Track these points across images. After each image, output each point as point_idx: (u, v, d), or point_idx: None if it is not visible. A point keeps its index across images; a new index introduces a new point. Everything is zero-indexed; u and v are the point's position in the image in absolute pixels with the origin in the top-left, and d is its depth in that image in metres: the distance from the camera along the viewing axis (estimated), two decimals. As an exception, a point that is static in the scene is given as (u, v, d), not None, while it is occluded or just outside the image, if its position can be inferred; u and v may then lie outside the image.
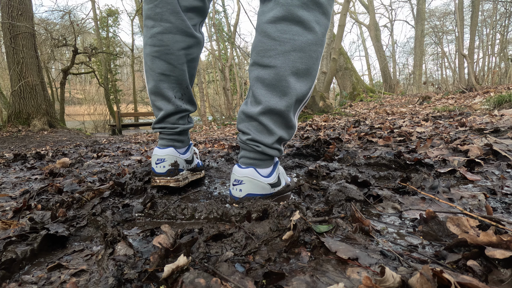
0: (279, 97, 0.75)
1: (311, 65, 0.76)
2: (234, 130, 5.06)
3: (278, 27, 0.73)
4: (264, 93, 0.76)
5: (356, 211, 0.66)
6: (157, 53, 0.90)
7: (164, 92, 0.94)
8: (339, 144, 1.81)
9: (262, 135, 0.79)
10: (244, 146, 0.83)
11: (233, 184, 0.82)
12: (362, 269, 0.48)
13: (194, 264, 0.51)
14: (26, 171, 1.92)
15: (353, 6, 17.55)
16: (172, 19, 0.87)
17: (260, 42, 0.76)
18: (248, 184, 0.79)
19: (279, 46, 0.73)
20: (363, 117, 4.54)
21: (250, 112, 0.78)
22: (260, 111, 0.76)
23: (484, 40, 16.85)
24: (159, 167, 0.94)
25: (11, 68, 7.40)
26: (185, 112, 0.99)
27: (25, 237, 0.65)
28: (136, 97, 20.05)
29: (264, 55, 0.75)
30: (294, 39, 0.73)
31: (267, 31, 0.74)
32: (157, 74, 0.92)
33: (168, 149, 0.96)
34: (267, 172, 0.82)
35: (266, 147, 0.79)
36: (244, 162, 0.83)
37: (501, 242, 0.46)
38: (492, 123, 1.97)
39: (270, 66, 0.75)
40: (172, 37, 0.89)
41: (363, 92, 10.93)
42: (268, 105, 0.75)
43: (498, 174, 0.97)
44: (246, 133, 0.81)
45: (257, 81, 0.77)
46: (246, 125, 0.81)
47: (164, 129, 0.98)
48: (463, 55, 7.32)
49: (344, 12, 8.59)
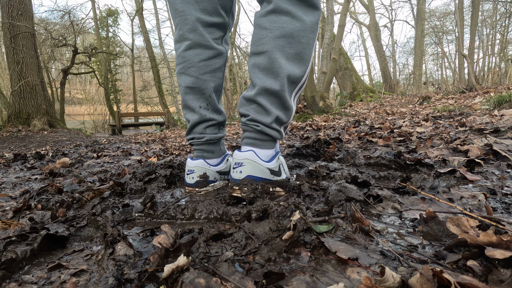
0: (273, 78, 0.82)
1: (301, 50, 0.83)
2: (234, 130, 5.06)
3: (268, 18, 0.82)
4: (259, 76, 0.83)
5: (356, 211, 0.66)
6: (182, 69, 0.99)
7: (189, 103, 1.01)
8: (339, 144, 1.81)
9: (261, 115, 0.85)
10: (245, 128, 0.89)
11: (233, 168, 0.86)
12: (362, 269, 0.48)
13: (194, 264, 0.51)
14: (26, 171, 1.92)
15: (353, 6, 17.55)
16: (191, 36, 0.96)
17: (255, 34, 0.85)
18: (248, 166, 0.83)
19: (270, 33, 0.82)
20: (363, 117, 4.54)
21: (248, 95, 0.86)
22: (256, 92, 0.84)
23: (484, 40, 16.85)
24: (189, 177, 1.00)
25: (11, 68, 7.41)
26: (210, 121, 1.02)
27: (25, 237, 0.65)
28: (136, 97, 20.06)
29: (258, 43, 0.84)
30: (283, 27, 0.81)
31: (260, 23, 0.84)
32: (183, 88, 1.01)
33: (198, 160, 1.00)
34: (267, 157, 0.87)
35: (265, 126, 0.85)
36: (245, 142, 0.88)
37: (501, 242, 0.46)
38: (492, 123, 1.97)
39: (262, 52, 0.83)
40: (193, 52, 0.97)
41: (363, 92, 10.93)
42: (263, 86, 0.82)
43: (498, 174, 0.97)
44: (246, 115, 0.87)
45: (253, 67, 0.85)
46: (245, 108, 0.88)
47: (193, 140, 1.04)
48: (463, 55, 7.32)
49: (344, 12, 8.59)
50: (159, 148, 3.20)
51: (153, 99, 21.46)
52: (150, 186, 1.10)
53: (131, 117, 15.34)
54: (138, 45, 25.04)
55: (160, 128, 11.21)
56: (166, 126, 11.48)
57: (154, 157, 2.10)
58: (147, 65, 18.65)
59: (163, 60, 15.72)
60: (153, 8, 14.65)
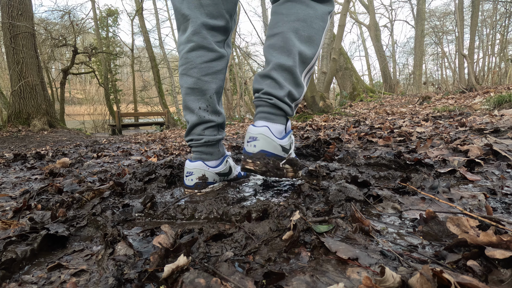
0: (286, 55, 0.88)
1: (313, 34, 0.91)
2: (234, 130, 5.06)
3: (285, 5, 0.91)
4: (274, 54, 0.90)
5: (356, 211, 0.66)
6: (184, 70, 1.01)
7: (189, 104, 1.02)
8: (339, 144, 1.81)
9: (274, 89, 0.89)
10: (258, 103, 0.92)
11: (247, 141, 0.89)
12: (362, 269, 0.48)
13: (194, 264, 0.51)
14: (26, 171, 1.92)
15: (353, 6, 17.55)
16: (194, 39, 0.98)
17: (272, 20, 0.93)
18: (262, 141, 0.86)
19: (286, 17, 0.90)
20: (363, 117, 4.54)
21: (262, 72, 0.92)
22: (271, 68, 0.89)
23: (484, 40, 16.85)
24: (188, 179, 1.00)
25: (11, 68, 7.41)
26: (209, 123, 1.03)
27: (25, 237, 0.65)
28: (136, 97, 20.06)
29: (274, 26, 0.91)
30: (298, 13, 0.89)
31: (276, 11, 0.92)
32: (185, 89, 1.02)
33: (196, 162, 1.01)
34: (280, 134, 0.90)
35: (278, 99, 0.89)
36: (259, 116, 0.91)
37: (501, 242, 0.46)
38: (492, 123, 1.97)
39: (277, 33, 0.90)
40: (195, 53, 0.99)
41: (363, 92, 10.93)
42: (277, 62, 0.88)
43: (498, 174, 0.97)
44: (260, 89, 0.91)
45: (268, 48, 0.92)
46: (259, 83, 0.92)
47: (191, 141, 1.04)
48: (463, 55, 7.32)
49: (344, 12, 8.58)
50: (159, 148, 3.20)
51: (153, 99, 21.46)
52: (150, 186, 1.10)
53: (131, 117, 15.34)
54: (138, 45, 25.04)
55: (160, 128, 11.21)
56: (166, 126, 11.48)
57: (154, 157, 2.10)
58: (147, 65, 18.65)
59: (163, 60, 15.73)
60: (153, 8, 14.65)
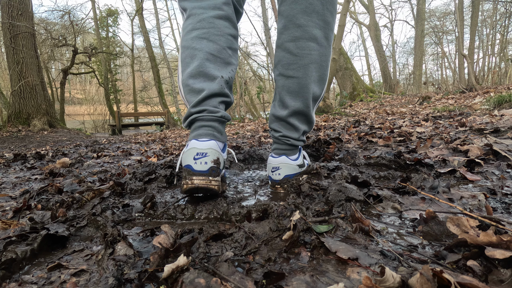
0: (301, 102, 0.94)
1: (323, 72, 0.95)
2: (234, 130, 5.06)
3: (298, 44, 0.90)
4: (289, 99, 0.95)
5: (356, 211, 0.66)
6: (206, 34, 0.88)
7: (209, 71, 0.87)
8: (339, 144, 1.81)
9: (291, 132, 0.98)
10: (276, 141, 1.02)
11: (272, 171, 1.01)
12: (362, 269, 0.48)
13: (194, 264, 0.51)
14: (26, 171, 1.92)
15: (353, 6, 17.54)
16: (225, 8, 0.92)
17: (284, 57, 0.93)
18: (283, 169, 0.99)
19: (300, 60, 0.91)
20: (363, 117, 4.54)
21: (279, 115, 0.98)
22: (288, 114, 0.96)
23: (484, 40, 16.85)
24: (199, 163, 0.77)
25: (11, 68, 7.41)
26: (227, 98, 0.91)
27: (25, 237, 0.65)
28: (136, 97, 20.06)
29: (288, 68, 0.93)
30: (310, 54, 0.91)
31: (289, 48, 0.92)
32: (205, 53, 0.87)
33: (210, 141, 0.81)
34: (295, 157, 1.02)
35: (294, 140, 0.99)
36: (278, 152, 1.02)
37: (501, 242, 0.46)
38: (492, 123, 1.97)
39: (293, 77, 0.93)
40: (223, 22, 0.91)
41: (363, 92, 10.92)
42: (294, 109, 0.95)
43: (498, 174, 0.97)
44: (278, 131, 1.00)
45: (283, 89, 0.96)
46: (277, 125, 1.00)
47: (202, 114, 0.84)
48: (463, 55, 7.32)
49: (344, 12, 8.59)
50: (159, 148, 3.20)
51: (153, 99, 21.46)
52: (150, 186, 1.10)
53: (131, 117, 15.33)
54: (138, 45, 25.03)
55: (160, 128, 11.21)
56: (166, 126, 11.48)
57: (154, 157, 2.10)
58: (147, 65, 18.65)
59: (163, 60, 15.70)
60: (153, 8, 14.65)
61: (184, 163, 0.81)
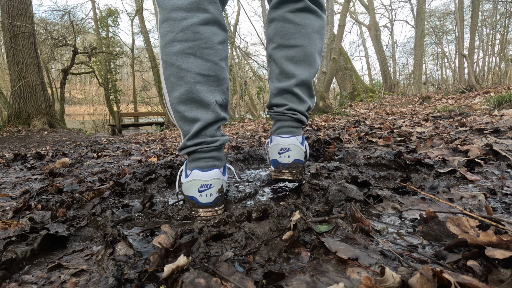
0: (307, 71, 0.91)
1: (322, 45, 0.95)
2: (234, 130, 5.06)
3: (298, 15, 0.90)
4: (294, 68, 0.90)
5: (356, 211, 0.66)
6: (191, 49, 0.75)
7: (202, 97, 0.77)
8: (339, 144, 1.81)
9: (298, 104, 0.92)
10: (281, 117, 0.93)
11: (279, 153, 0.90)
12: (362, 269, 0.48)
13: (194, 264, 0.51)
14: (26, 171, 1.92)
15: (353, 6, 17.55)
16: (211, 9, 0.76)
17: (283, 27, 0.90)
18: (294, 151, 0.89)
19: (302, 29, 0.89)
20: (363, 117, 4.54)
21: (284, 86, 0.91)
22: (294, 83, 0.90)
23: (484, 40, 16.85)
24: (204, 195, 0.75)
25: (11, 68, 7.40)
26: (223, 121, 0.83)
27: (25, 237, 0.65)
28: (136, 97, 20.07)
29: (290, 37, 0.90)
30: (313, 24, 0.90)
31: (289, 18, 0.90)
32: (194, 75, 0.75)
33: (213, 171, 0.77)
34: (301, 141, 0.94)
35: (301, 114, 0.93)
36: (285, 131, 0.93)
37: (501, 242, 0.46)
38: (492, 123, 1.97)
39: (297, 46, 0.90)
40: (210, 29, 0.76)
41: (363, 92, 10.92)
42: (301, 78, 0.90)
43: (498, 174, 0.97)
44: (283, 104, 0.92)
45: (285, 59, 0.91)
46: (281, 98, 0.92)
47: (201, 145, 0.78)
48: (463, 55, 7.32)
49: (344, 12, 8.59)
50: (159, 148, 3.20)
51: (153, 99, 21.47)
52: (150, 186, 1.10)
53: (131, 117, 15.35)
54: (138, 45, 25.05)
55: (160, 128, 11.21)
56: (166, 126, 11.49)
57: (154, 157, 2.10)
58: (147, 65, 18.65)
59: (163, 60, 15.67)
60: (153, 8, 14.64)
61: (188, 194, 0.78)
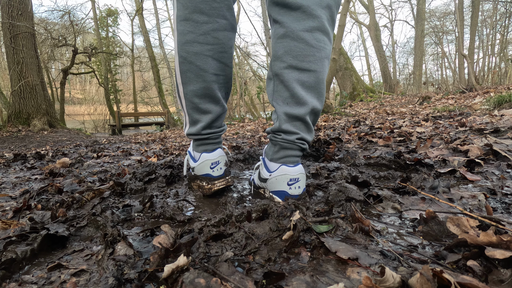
0: (317, 98, 0.84)
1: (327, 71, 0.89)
2: (234, 130, 5.05)
3: (314, 35, 0.81)
4: (306, 95, 0.83)
5: (356, 211, 0.66)
6: (210, 51, 0.85)
7: (215, 94, 0.90)
8: (339, 144, 1.81)
9: (307, 133, 0.86)
10: (289, 146, 0.85)
11: (289, 184, 0.83)
12: (362, 269, 0.48)
13: (194, 264, 0.51)
14: (26, 171, 1.92)
15: (353, 6, 17.54)
16: (228, 16, 0.85)
17: (297, 47, 0.81)
18: (302, 180, 0.85)
19: (317, 52, 0.82)
20: (363, 117, 4.54)
21: (296, 113, 0.83)
22: (307, 111, 0.83)
23: (484, 40, 16.84)
24: (216, 170, 0.94)
25: (11, 68, 7.40)
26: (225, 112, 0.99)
27: (25, 237, 0.65)
28: (136, 97, 20.07)
29: (303, 60, 0.81)
30: (325, 48, 0.83)
31: (304, 38, 0.80)
32: (211, 75, 0.87)
33: (217, 150, 0.95)
34: None
35: (308, 144, 0.88)
36: (292, 160, 0.86)
37: (501, 242, 0.46)
38: (492, 123, 1.97)
39: (310, 70, 0.82)
40: (226, 34, 0.86)
41: (363, 92, 10.92)
42: (313, 106, 0.83)
43: (498, 174, 0.97)
44: (294, 132, 0.84)
45: (297, 83, 0.82)
46: (292, 125, 0.84)
47: (212, 134, 0.95)
48: (463, 55, 7.32)
49: (344, 12, 8.59)
50: (159, 148, 3.20)
51: (153, 99, 21.47)
52: (150, 186, 1.10)
53: (131, 117, 15.35)
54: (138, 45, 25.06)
55: (160, 128, 11.21)
56: (166, 126, 11.49)
57: (154, 157, 2.10)
58: (147, 65, 18.66)
59: (163, 60, 15.70)
60: (153, 8, 14.65)
61: (202, 173, 0.95)
